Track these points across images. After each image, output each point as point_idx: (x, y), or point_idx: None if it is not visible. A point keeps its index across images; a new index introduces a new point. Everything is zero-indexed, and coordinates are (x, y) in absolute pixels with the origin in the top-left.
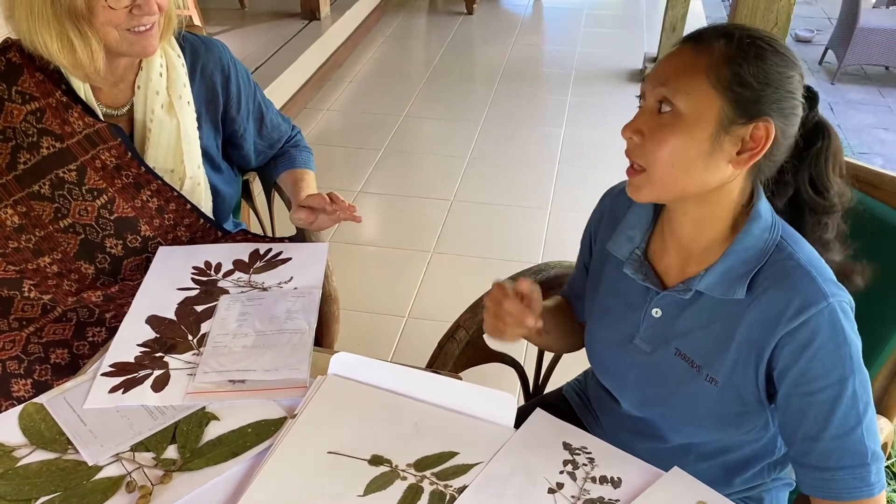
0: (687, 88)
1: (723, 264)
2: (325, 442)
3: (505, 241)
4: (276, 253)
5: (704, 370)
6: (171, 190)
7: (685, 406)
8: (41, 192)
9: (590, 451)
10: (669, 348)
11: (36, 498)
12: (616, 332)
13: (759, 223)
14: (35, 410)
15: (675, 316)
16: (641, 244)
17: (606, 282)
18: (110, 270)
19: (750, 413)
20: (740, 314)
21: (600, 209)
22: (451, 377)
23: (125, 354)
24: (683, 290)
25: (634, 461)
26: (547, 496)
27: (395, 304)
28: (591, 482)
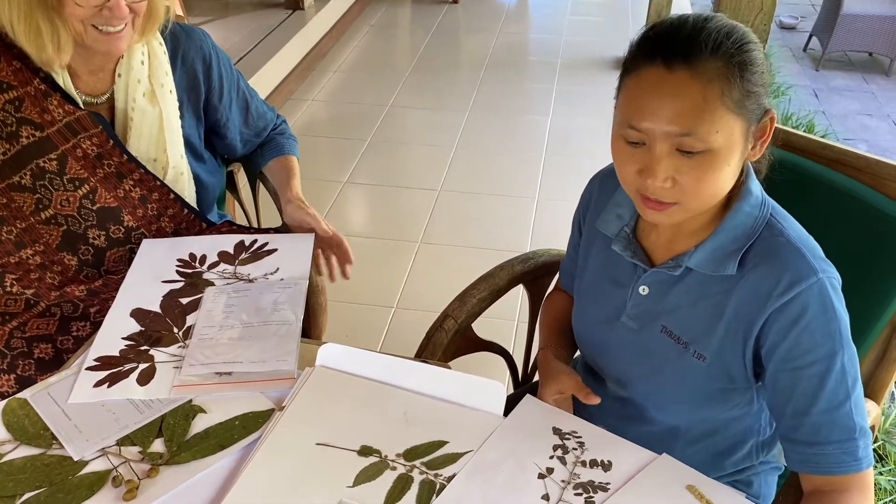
0: (714, 127)
1: (713, 241)
2: (314, 433)
3: (492, 230)
4: (261, 244)
5: (692, 346)
6: (154, 179)
7: (671, 383)
8: (22, 183)
9: (580, 436)
10: (656, 325)
11: (21, 494)
12: (603, 310)
13: (749, 201)
14: (18, 406)
15: (663, 293)
16: (630, 222)
17: (594, 261)
18: (94, 262)
19: (736, 390)
20: (729, 291)
21: (589, 191)
22: (440, 366)
23: (110, 348)
24: (673, 267)
25: (624, 444)
26: (537, 481)
27: (383, 295)
28: (581, 466)
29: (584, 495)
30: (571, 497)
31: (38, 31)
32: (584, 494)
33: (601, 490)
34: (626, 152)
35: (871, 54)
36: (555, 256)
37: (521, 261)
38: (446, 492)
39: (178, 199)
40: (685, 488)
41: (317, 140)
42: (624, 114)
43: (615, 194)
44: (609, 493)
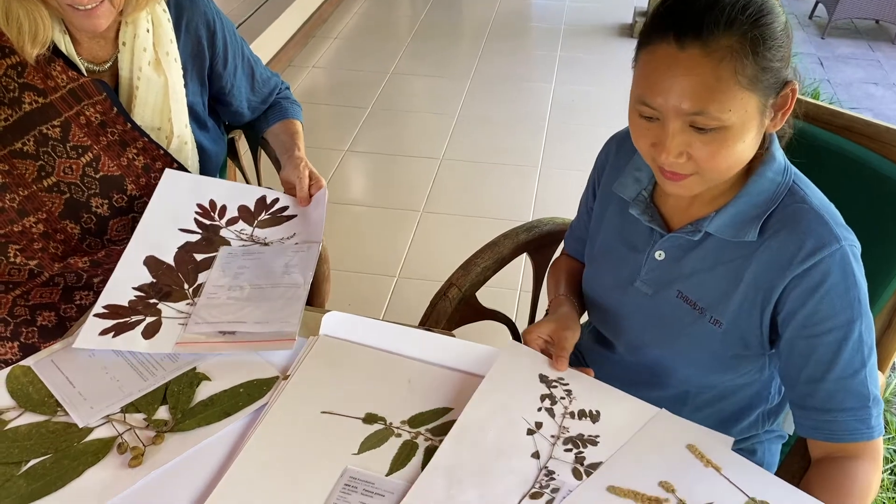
0: (727, 105)
1: (734, 207)
2: (319, 402)
3: (495, 199)
4: (282, 206)
5: (708, 312)
6: (158, 148)
7: (685, 349)
8: (24, 150)
9: (567, 382)
10: (671, 291)
11: (26, 460)
12: (616, 274)
13: (772, 167)
14: (22, 373)
15: (679, 258)
16: (648, 186)
17: (608, 224)
18: (96, 231)
19: (749, 356)
20: (748, 256)
21: (605, 153)
22: (444, 335)
23: (120, 297)
24: (692, 232)
25: (611, 391)
26: (526, 438)
27: (386, 264)
28: (569, 418)
29: (573, 451)
30: (561, 453)
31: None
32: (575, 450)
33: (591, 444)
34: (641, 126)
35: (877, 21)
36: (559, 225)
37: (526, 229)
38: (436, 458)
39: (182, 168)
40: (685, 447)
41: (317, 108)
42: (638, 89)
43: (634, 157)
44: (598, 447)
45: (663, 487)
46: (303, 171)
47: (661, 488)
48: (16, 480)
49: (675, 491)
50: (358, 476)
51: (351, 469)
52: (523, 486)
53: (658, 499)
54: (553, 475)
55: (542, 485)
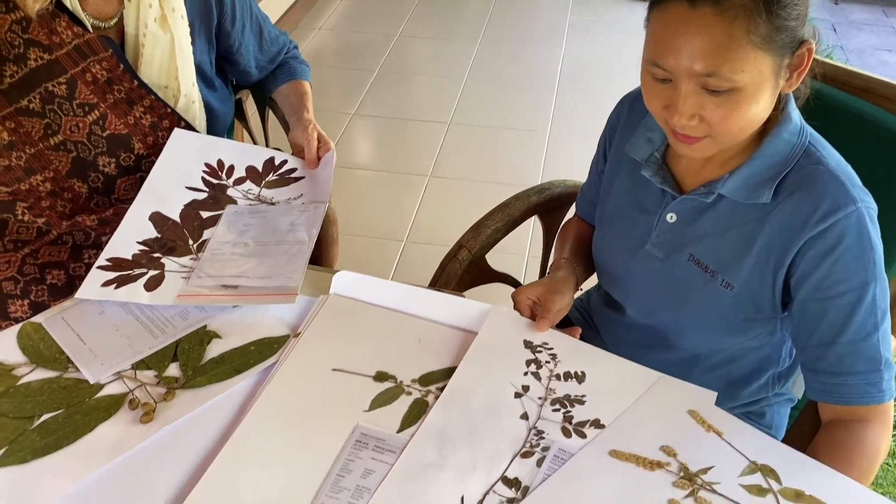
0: (739, 66)
1: (749, 168)
2: (330, 359)
3: (503, 163)
4: (290, 168)
5: (720, 275)
6: (165, 106)
7: (696, 312)
8: (30, 108)
9: (551, 347)
10: (683, 254)
11: (39, 415)
12: (627, 237)
13: (788, 128)
14: (33, 330)
15: (691, 221)
16: (661, 147)
17: (619, 186)
18: (104, 189)
19: (760, 319)
20: (762, 219)
21: (617, 113)
22: (455, 295)
23: (124, 250)
24: (705, 194)
25: (596, 352)
26: (514, 401)
27: (393, 229)
28: (555, 380)
29: (561, 410)
30: (550, 413)
31: None
32: (563, 409)
33: (578, 403)
34: (653, 87)
35: None
36: (570, 188)
37: (537, 191)
38: (426, 423)
39: (189, 127)
40: (686, 413)
41: (324, 70)
42: (649, 50)
43: (646, 118)
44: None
45: (665, 452)
46: (311, 133)
47: (662, 452)
48: (29, 434)
49: (676, 455)
50: (369, 433)
51: (362, 426)
52: (514, 446)
53: (660, 463)
54: (543, 434)
55: (533, 444)
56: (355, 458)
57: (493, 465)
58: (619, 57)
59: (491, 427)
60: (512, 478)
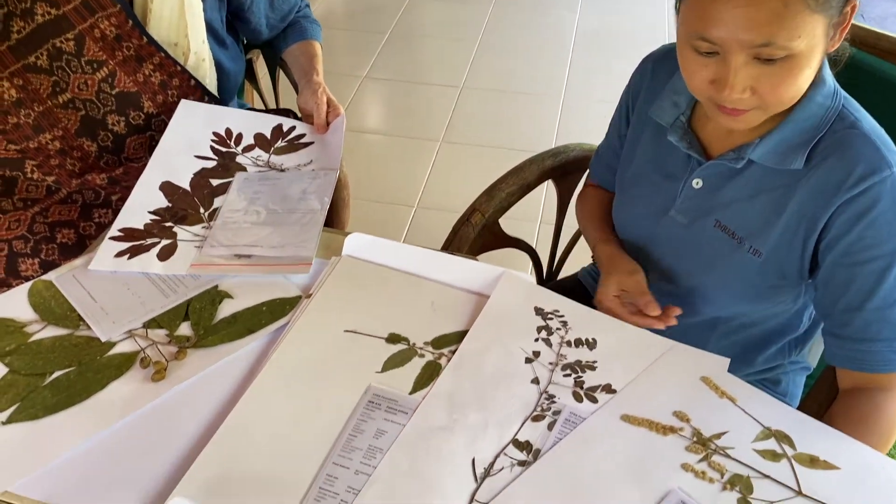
0: (796, 32)
1: (780, 133)
2: (342, 320)
3: (515, 129)
4: (299, 134)
5: (747, 242)
6: (175, 64)
7: (721, 279)
8: (38, 64)
9: (562, 314)
10: (709, 220)
11: (50, 372)
12: (650, 203)
13: (822, 90)
14: (44, 287)
15: (718, 187)
16: (687, 111)
17: (643, 151)
18: (113, 148)
19: (785, 286)
20: (794, 184)
21: (640, 75)
22: (467, 258)
23: (135, 220)
24: (735, 159)
25: (606, 319)
26: (525, 366)
27: (404, 194)
28: (566, 346)
29: (573, 375)
30: (561, 378)
31: None
32: (574, 374)
33: (589, 369)
34: (696, 62)
35: None
36: (587, 151)
37: (552, 155)
38: (438, 386)
39: (199, 85)
40: (699, 379)
41: (335, 33)
42: (692, 23)
43: (672, 80)
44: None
45: (678, 417)
46: (321, 97)
47: (675, 418)
48: (41, 391)
49: (689, 420)
50: (381, 393)
51: (374, 387)
52: (525, 410)
53: (672, 428)
54: (554, 399)
55: (544, 408)
56: (367, 418)
57: (505, 428)
58: (635, 21)
59: (502, 391)
60: (523, 441)
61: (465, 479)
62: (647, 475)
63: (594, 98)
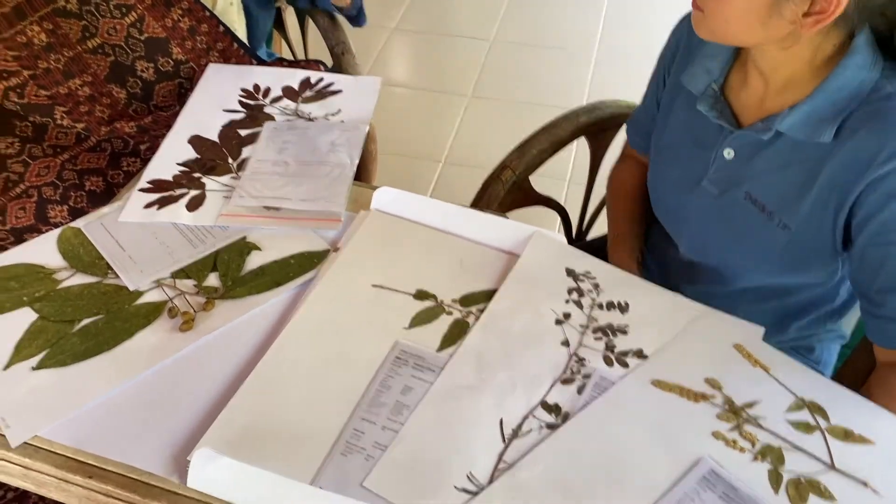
0: None
1: (810, 104)
2: (370, 275)
3: (546, 84)
4: (327, 83)
5: (776, 216)
6: (204, 9)
7: (751, 251)
8: (67, 8)
9: (594, 276)
10: (739, 191)
11: (79, 319)
12: (682, 172)
13: (855, 59)
14: (73, 234)
15: (749, 157)
16: (720, 78)
17: (675, 118)
18: (142, 96)
19: (819, 260)
20: (824, 158)
21: (676, 37)
22: (497, 216)
23: (164, 172)
24: (762, 130)
25: (639, 283)
26: (555, 328)
27: (431, 149)
28: (598, 309)
29: (604, 339)
30: (591, 341)
31: None
32: (605, 338)
33: (620, 332)
34: None
35: None
36: (623, 108)
37: (587, 111)
38: (466, 345)
39: (228, 31)
40: (732, 347)
41: None
42: None
43: (706, 45)
44: (628, 336)
45: (709, 384)
46: None
47: (706, 385)
48: (70, 338)
49: (721, 388)
50: (409, 350)
51: (402, 343)
52: (554, 372)
53: (704, 394)
54: (584, 361)
55: (574, 370)
56: (395, 374)
57: (533, 389)
58: None
59: (531, 352)
60: (552, 403)
61: (492, 439)
62: (676, 442)
63: (628, 53)
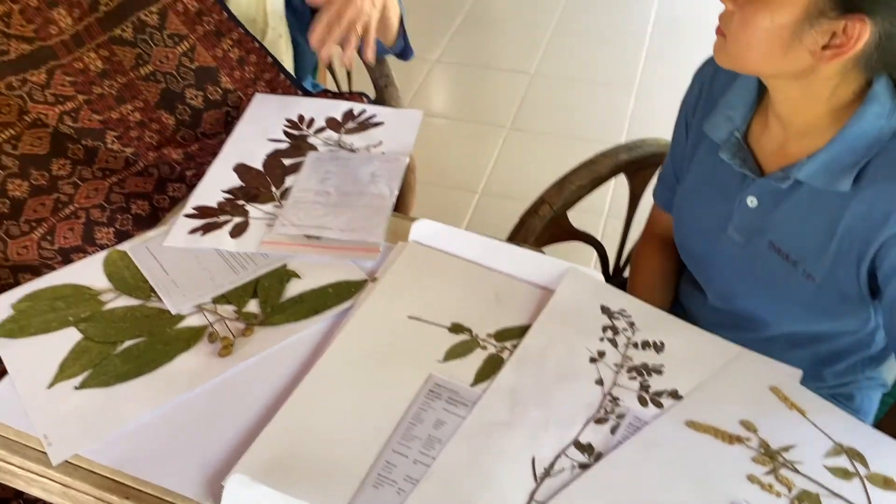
0: None
1: (828, 152)
2: (406, 306)
3: (586, 118)
4: (369, 115)
5: (800, 265)
6: (253, 40)
7: (778, 300)
8: (123, 37)
9: (629, 315)
10: (763, 240)
11: (122, 341)
12: (707, 220)
13: (874, 107)
14: (119, 257)
15: (772, 206)
16: (742, 126)
17: (699, 165)
18: (190, 123)
19: (848, 309)
20: (843, 207)
21: (699, 83)
22: (534, 251)
23: (209, 199)
24: (782, 179)
25: (675, 322)
26: (589, 366)
27: (469, 179)
28: (633, 348)
29: (638, 378)
30: (626, 381)
31: None
32: (639, 378)
33: (655, 373)
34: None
35: None
36: (663, 147)
37: (627, 149)
38: (499, 380)
39: (276, 63)
40: (768, 389)
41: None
42: None
43: (727, 94)
44: (664, 376)
45: (745, 426)
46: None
47: (742, 427)
48: (112, 359)
49: (756, 431)
50: (442, 383)
51: (435, 376)
52: (588, 411)
53: (739, 437)
54: (618, 401)
55: (608, 410)
56: (428, 407)
57: (566, 428)
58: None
59: (565, 390)
60: (585, 443)
61: (524, 477)
62: (710, 484)
63: (669, 90)
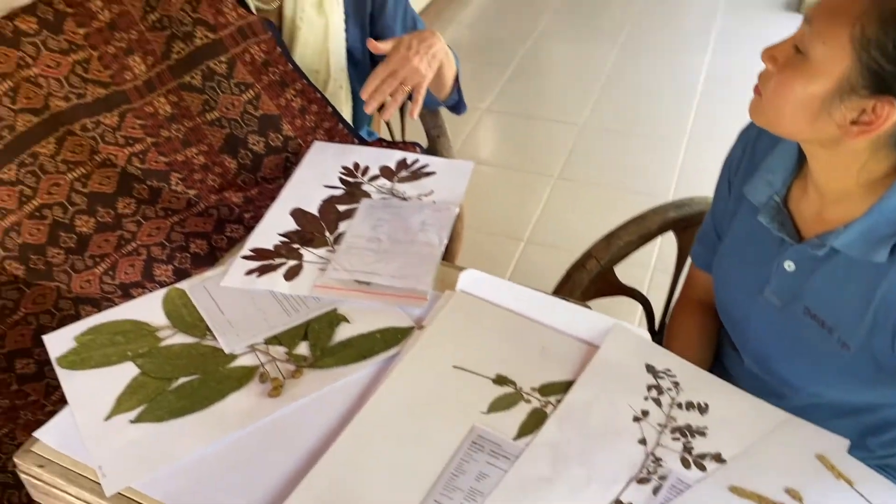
0: (825, 35)
1: (865, 222)
2: (451, 356)
3: (634, 171)
4: (422, 165)
5: (836, 333)
6: (315, 91)
7: (814, 367)
8: (192, 83)
9: (674, 375)
10: (799, 305)
11: (176, 378)
12: (745, 281)
13: None
14: (178, 295)
15: (809, 272)
16: (781, 190)
17: (740, 224)
18: (251, 167)
19: (887, 378)
20: (880, 278)
21: (742, 143)
22: (581, 306)
23: (266, 242)
24: (818, 246)
25: (720, 384)
26: (632, 424)
27: (514, 228)
28: (676, 408)
29: (682, 440)
30: (669, 441)
31: None
32: (683, 439)
33: (699, 435)
34: None
35: None
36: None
37: (676, 206)
38: (542, 435)
39: (336, 113)
40: (815, 457)
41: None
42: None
43: (768, 159)
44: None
45: (790, 494)
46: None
47: (787, 495)
48: (167, 395)
49: (802, 499)
50: (486, 436)
51: (479, 428)
52: (630, 470)
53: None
54: (660, 462)
55: (650, 470)
56: (470, 459)
57: (608, 487)
58: None
59: (607, 448)
60: (626, 502)
61: None
62: None
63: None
